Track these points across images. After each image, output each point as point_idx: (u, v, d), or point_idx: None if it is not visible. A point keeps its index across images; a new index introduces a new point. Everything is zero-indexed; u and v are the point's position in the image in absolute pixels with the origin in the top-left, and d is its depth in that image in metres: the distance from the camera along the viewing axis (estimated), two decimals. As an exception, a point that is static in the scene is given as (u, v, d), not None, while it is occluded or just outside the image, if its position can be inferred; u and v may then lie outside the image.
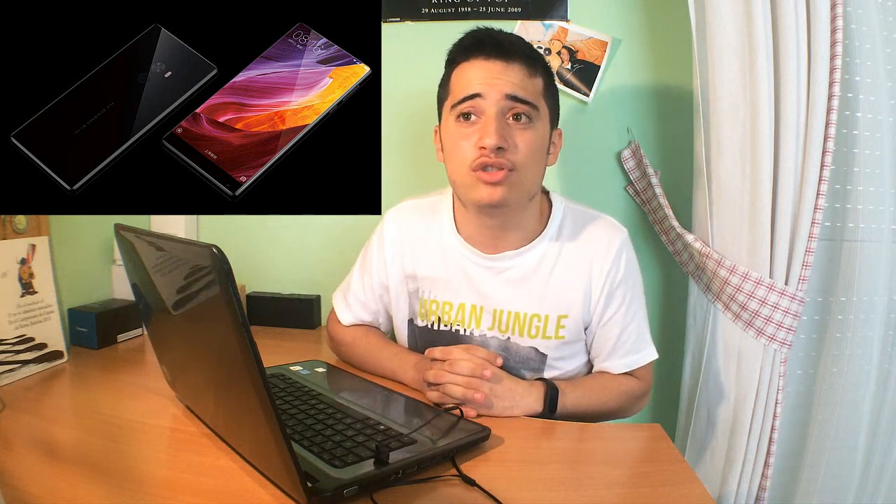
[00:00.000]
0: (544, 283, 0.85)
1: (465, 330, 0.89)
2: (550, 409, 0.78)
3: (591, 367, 0.93)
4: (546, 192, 0.91)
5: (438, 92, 0.86)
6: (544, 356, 0.87)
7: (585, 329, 0.88)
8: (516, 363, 0.88)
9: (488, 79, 0.76)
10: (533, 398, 0.78)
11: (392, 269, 0.92)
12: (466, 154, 0.77)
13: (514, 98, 0.76)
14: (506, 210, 0.80)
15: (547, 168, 0.84)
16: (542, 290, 0.85)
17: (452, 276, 0.88)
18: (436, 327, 0.91)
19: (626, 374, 0.88)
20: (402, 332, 0.96)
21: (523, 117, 0.77)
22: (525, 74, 0.78)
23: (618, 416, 0.89)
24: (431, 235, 0.90)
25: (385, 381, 0.88)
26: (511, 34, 0.82)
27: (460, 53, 0.81)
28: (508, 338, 0.88)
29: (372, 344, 0.93)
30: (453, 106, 0.79)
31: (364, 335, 0.95)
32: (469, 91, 0.77)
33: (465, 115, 0.78)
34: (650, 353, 0.89)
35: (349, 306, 0.97)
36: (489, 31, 0.80)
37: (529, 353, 0.87)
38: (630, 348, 0.87)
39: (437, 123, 0.88)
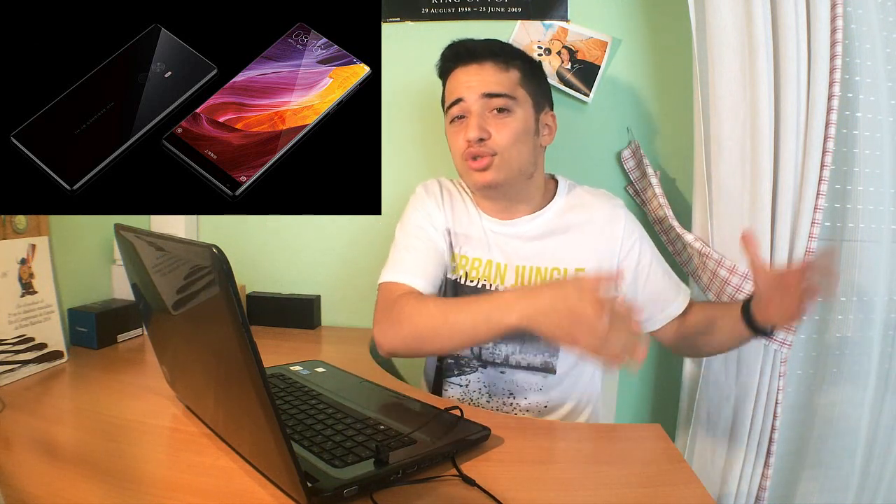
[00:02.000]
0: (560, 240, 0.94)
1: (490, 285, 0.94)
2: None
3: None
4: (552, 176, 1.01)
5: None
6: None
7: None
8: None
9: (466, 83, 0.89)
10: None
11: (437, 217, 0.95)
12: (459, 147, 0.89)
13: (490, 94, 0.87)
14: (500, 189, 0.91)
15: (545, 153, 0.95)
16: (558, 247, 0.93)
17: (480, 236, 0.96)
18: (462, 282, 0.95)
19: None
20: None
21: (503, 109, 0.87)
22: (497, 70, 0.88)
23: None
24: (465, 200, 0.99)
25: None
26: (483, 40, 0.91)
27: (443, 67, 0.94)
28: None
29: (441, 299, 0.88)
30: (446, 111, 0.92)
31: (423, 296, 0.86)
32: (454, 97, 0.89)
33: (459, 117, 0.90)
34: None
35: (406, 271, 0.89)
36: (462, 42, 0.91)
37: None
38: (677, 287, 0.96)
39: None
